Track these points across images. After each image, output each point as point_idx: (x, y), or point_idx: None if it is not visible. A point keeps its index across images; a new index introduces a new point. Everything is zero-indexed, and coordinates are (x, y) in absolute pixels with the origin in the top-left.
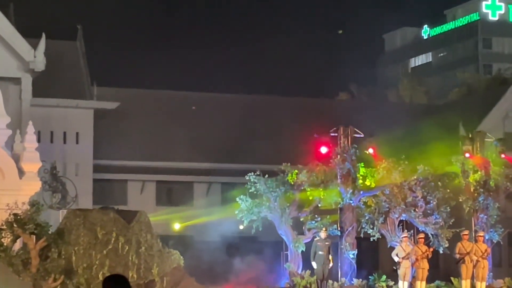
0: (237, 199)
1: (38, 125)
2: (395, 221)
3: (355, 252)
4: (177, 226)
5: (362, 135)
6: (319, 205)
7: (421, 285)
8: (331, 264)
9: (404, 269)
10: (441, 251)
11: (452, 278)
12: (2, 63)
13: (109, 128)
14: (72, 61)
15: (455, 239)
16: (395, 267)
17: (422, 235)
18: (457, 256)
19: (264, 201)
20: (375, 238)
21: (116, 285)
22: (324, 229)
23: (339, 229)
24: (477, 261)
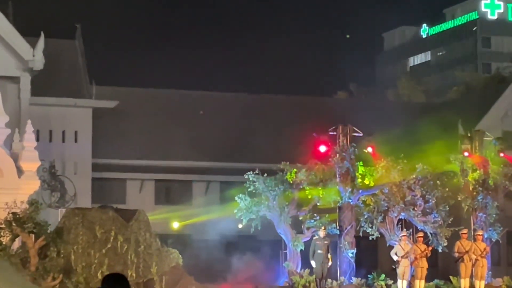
0: (236, 198)
1: (37, 124)
2: (394, 220)
3: (354, 251)
4: (176, 225)
5: (361, 134)
6: (318, 204)
7: (420, 284)
8: (330, 263)
9: (403, 268)
10: (440, 250)
11: (451, 277)
12: (0, 62)
13: (108, 127)
14: (70, 60)
15: (454, 238)
16: (394, 266)
17: (421, 234)
18: (456, 255)
19: (263, 200)
20: (374, 237)
21: (115, 284)
22: (323, 228)
23: (338, 228)
24: (476, 260)
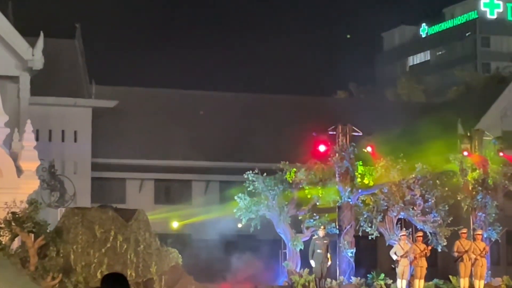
0: (235, 197)
1: (37, 123)
2: (393, 219)
3: (354, 250)
4: (175, 224)
5: (361, 134)
6: (318, 203)
7: (419, 283)
8: (329, 263)
9: (403, 267)
10: (439, 250)
11: (450, 276)
12: (0, 61)
13: (108, 127)
14: (70, 59)
15: (453, 238)
16: (393, 266)
17: (421, 233)
18: (456, 254)
19: (262, 199)
20: (373, 236)
21: (114, 283)
22: (322, 227)
23: (337, 227)
24: (476, 259)
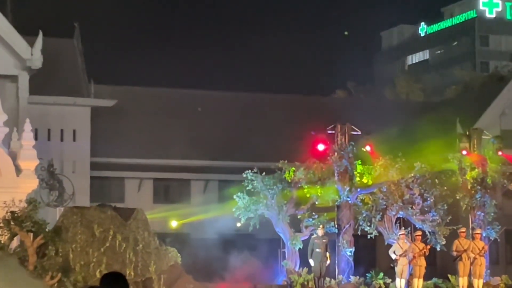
0: (234, 196)
1: (35, 122)
2: (392, 218)
3: (353, 249)
4: (174, 223)
5: (359, 133)
6: (316, 202)
7: (418, 283)
8: (328, 262)
9: (401, 266)
10: (438, 249)
11: (449, 275)
12: None
13: (107, 126)
14: (69, 59)
15: (452, 237)
16: (392, 265)
17: (419, 232)
18: (454, 253)
19: (261, 198)
20: (372, 235)
21: (113, 283)
22: (321, 226)
23: (336, 226)
24: (474, 258)
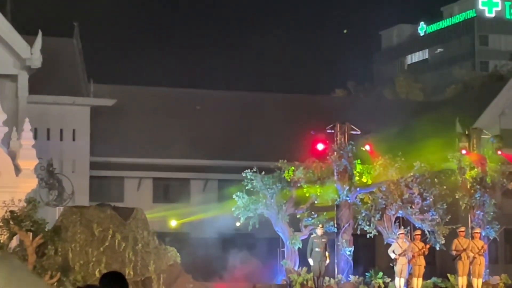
0: (233, 196)
1: (35, 122)
2: (391, 218)
3: (352, 249)
4: (173, 223)
5: (359, 132)
6: (316, 202)
7: (417, 282)
8: (327, 261)
9: (401, 265)
10: (437, 248)
11: (448, 274)
12: None
13: (106, 125)
14: (68, 58)
15: (451, 236)
16: (391, 264)
17: (419, 232)
18: (454, 252)
19: (260, 198)
20: (371, 235)
21: (113, 282)
22: (320, 226)
23: (335, 226)
24: (474, 257)
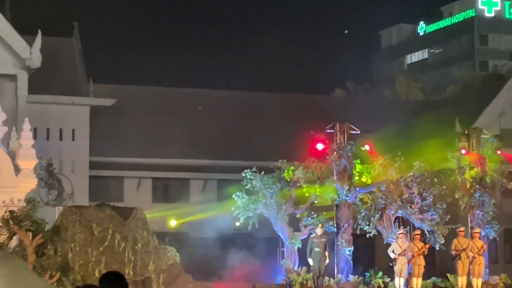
0: (233, 195)
1: (34, 122)
2: (391, 217)
3: (351, 248)
4: (173, 222)
5: (358, 132)
6: (315, 201)
7: (417, 282)
8: (327, 261)
9: (400, 265)
10: (437, 248)
11: (448, 274)
12: None
13: (106, 125)
14: (68, 58)
15: (451, 236)
16: (391, 264)
17: (418, 231)
18: (453, 252)
19: (260, 197)
20: (371, 234)
21: (112, 282)
22: (320, 225)
23: (335, 225)
24: (473, 257)
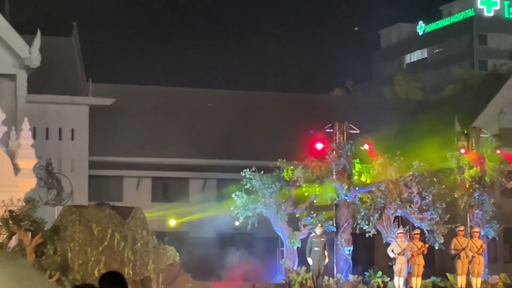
0: (232, 195)
1: (34, 121)
2: (390, 217)
3: (351, 248)
4: (172, 222)
5: (358, 131)
6: (315, 201)
7: (416, 281)
8: (326, 260)
9: (400, 265)
10: (436, 247)
11: (447, 274)
12: None
13: (105, 125)
14: (67, 57)
15: (450, 235)
16: (390, 263)
17: (418, 231)
18: (453, 252)
19: (259, 197)
20: (370, 234)
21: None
22: (319, 225)
23: (334, 225)
24: (473, 257)
